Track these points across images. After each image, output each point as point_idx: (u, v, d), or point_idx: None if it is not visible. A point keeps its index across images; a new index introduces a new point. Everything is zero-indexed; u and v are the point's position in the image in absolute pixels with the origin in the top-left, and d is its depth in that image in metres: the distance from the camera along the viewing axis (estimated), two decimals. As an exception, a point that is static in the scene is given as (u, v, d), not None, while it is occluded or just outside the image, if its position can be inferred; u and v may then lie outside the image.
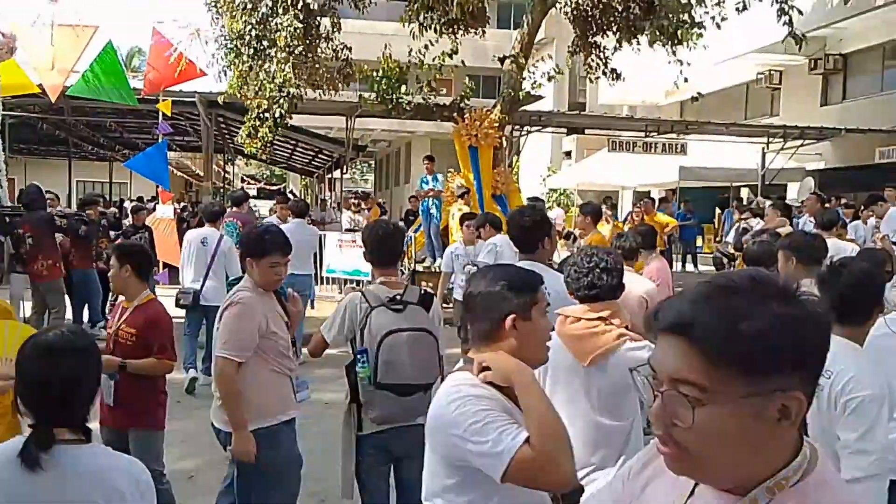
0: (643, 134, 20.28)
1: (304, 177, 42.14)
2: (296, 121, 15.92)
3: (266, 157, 25.41)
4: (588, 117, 22.15)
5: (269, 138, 14.14)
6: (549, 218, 5.13)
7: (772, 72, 22.91)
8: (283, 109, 13.05)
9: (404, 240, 5.15)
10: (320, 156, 26.42)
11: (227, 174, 39.27)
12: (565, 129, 21.89)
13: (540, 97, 16.08)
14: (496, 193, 14.61)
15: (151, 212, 14.16)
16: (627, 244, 6.13)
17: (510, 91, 14.71)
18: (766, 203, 14.43)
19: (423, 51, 14.34)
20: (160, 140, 14.54)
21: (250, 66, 13.22)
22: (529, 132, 19.81)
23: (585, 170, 25.07)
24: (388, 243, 4.38)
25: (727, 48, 18.64)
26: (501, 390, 2.33)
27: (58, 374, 2.37)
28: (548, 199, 24.81)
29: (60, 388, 2.37)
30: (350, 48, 14.53)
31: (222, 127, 21.19)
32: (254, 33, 12.94)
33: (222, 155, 30.74)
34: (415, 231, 15.27)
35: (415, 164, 28.92)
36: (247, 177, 50.96)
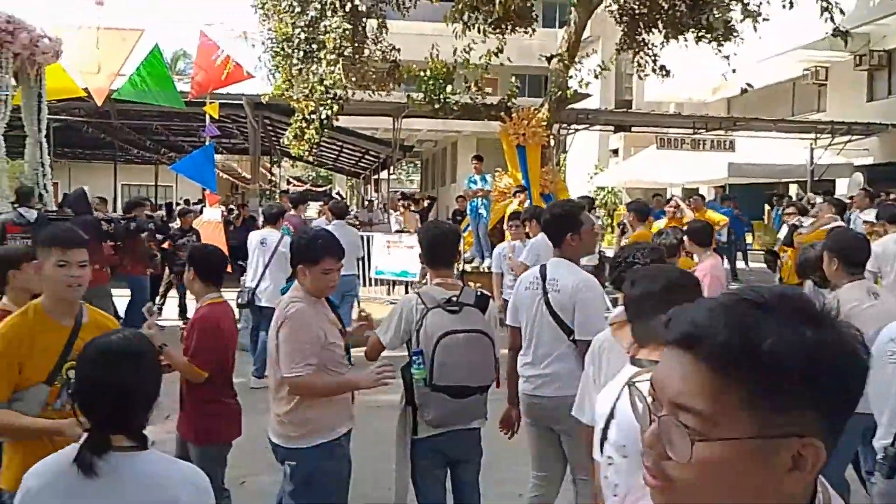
0: (691, 131, 20.05)
1: (349, 178, 42.34)
2: (342, 122, 15.99)
3: (313, 158, 25.56)
4: (635, 115, 21.98)
5: (316, 140, 14.22)
6: (586, 216, 4.79)
7: (817, 68, 22.59)
8: (330, 111, 13.08)
9: (460, 241, 5.06)
10: (367, 157, 26.52)
11: (272, 176, 39.58)
12: (612, 127, 21.70)
13: (587, 95, 16.00)
14: (544, 192, 14.52)
15: (199, 214, 14.27)
16: (668, 241, 6.08)
17: (557, 90, 14.63)
18: (816, 199, 14.17)
19: (468, 49, 14.32)
20: (207, 143, 14.66)
21: (300, 69, 13.26)
22: (577, 130, 19.66)
23: (633, 167, 24.85)
24: (444, 244, 4.32)
25: (772, 45, 18.42)
26: None
27: (114, 378, 2.33)
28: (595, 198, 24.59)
29: (116, 393, 2.33)
30: (399, 49, 14.55)
31: (269, 129, 21.33)
32: (303, 36, 12.99)
33: (268, 157, 30.91)
34: (463, 231, 15.19)
35: (461, 163, 28.87)
36: (292, 178, 51.20)
